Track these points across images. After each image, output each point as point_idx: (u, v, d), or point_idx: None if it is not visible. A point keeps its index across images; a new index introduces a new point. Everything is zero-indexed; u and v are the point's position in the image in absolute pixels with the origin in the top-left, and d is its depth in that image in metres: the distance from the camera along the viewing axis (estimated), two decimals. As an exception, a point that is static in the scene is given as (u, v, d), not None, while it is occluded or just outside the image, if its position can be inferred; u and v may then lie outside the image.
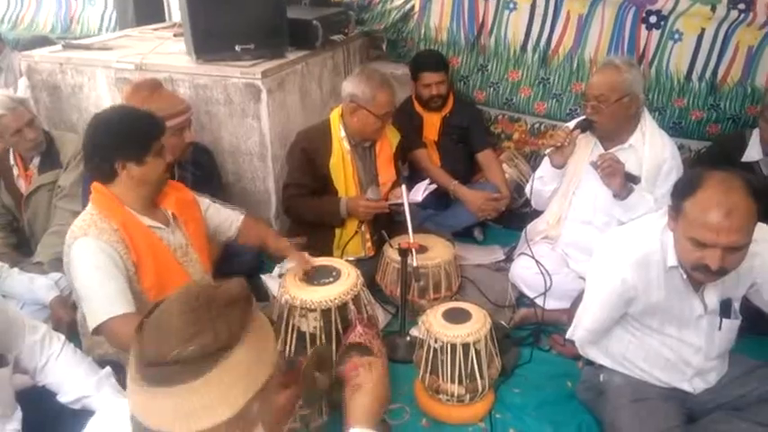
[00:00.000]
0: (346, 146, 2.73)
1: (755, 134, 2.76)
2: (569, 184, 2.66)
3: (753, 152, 2.75)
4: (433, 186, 2.87)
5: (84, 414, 1.18)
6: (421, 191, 2.76)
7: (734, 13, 3.02)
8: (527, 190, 2.82)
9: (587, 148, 2.59)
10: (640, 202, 2.40)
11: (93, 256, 1.81)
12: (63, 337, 1.82)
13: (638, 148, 2.50)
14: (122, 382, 1.81)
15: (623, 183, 2.38)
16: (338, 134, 2.72)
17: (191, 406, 0.94)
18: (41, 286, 2.46)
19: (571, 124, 2.54)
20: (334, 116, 2.75)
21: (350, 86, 2.67)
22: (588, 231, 2.62)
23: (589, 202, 2.62)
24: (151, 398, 0.94)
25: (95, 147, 1.89)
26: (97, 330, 1.81)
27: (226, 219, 2.28)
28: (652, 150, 2.48)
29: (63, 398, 1.73)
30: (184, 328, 0.95)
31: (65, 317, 2.36)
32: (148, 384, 0.93)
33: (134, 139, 1.86)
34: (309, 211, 2.77)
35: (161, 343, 0.94)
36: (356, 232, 2.78)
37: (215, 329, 0.95)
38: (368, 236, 2.85)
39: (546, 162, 2.63)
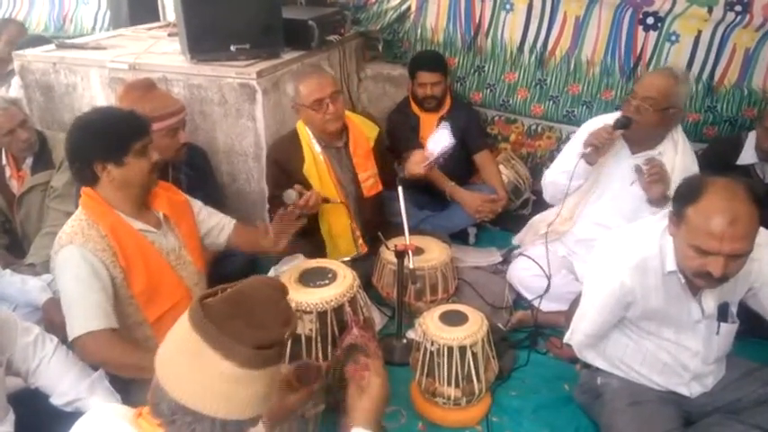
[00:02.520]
0: (317, 148, 2.70)
1: (751, 137, 2.77)
2: (592, 183, 2.61)
3: (747, 156, 2.75)
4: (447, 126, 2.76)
5: (77, 416, 1.18)
6: (446, 134, 2.66)
7: (730, 15, 3.02)
8: (543, 182, 2.75)
9: (614, 149, 2.53)
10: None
11: (75, 267, 1.78)
12: (56, 340, 1.81)
13: (667, 158, 2.43)
14: (114, 385, 1.80)
15: (664, 191, 2.31)
16: (307, 139, 2.70)
17: (269, 388, 1.07)
18: (34, 288, 2.43)
19: (609, 121, 2.45)
20: (300, 122, 2.74)
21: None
22: (601, 233, 2.51)
23: (607, 203, 2.58)
24: (249, 384, 1.02)
25: (74, 151, 1.87)
26: (73, 342, 1.79)
27: (216, 224, 2.24)
28: (683, 163, 2.42)
29: (56, 400, 1.73)
30: (282, 313, 1.09)
31: (57, 319, 2.32)
32: (257, 366, 1.02)
33: (111, 140, 1.83)
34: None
35: (263, 328, 1.04)
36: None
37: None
38: (358, 233, 2.80)
39: (580, 159, 2.51)
